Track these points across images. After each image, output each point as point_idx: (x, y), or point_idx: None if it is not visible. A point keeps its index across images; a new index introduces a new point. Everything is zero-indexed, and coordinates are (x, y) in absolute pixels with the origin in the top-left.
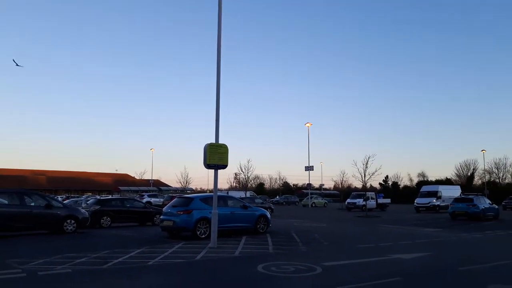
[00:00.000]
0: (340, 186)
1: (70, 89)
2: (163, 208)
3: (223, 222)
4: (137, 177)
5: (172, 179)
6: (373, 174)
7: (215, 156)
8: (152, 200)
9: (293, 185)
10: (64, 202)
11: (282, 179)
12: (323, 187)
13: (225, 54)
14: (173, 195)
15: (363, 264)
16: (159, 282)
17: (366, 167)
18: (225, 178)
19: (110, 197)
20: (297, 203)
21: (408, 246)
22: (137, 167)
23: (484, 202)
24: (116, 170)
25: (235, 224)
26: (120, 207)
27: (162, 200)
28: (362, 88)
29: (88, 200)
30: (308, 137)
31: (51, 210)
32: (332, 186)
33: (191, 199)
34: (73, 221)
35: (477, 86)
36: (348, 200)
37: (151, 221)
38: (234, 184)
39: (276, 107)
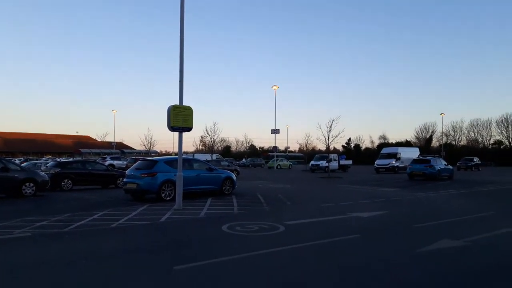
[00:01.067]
0: (304, 148)
1: (26, 47)
2: (126, 171)
3: (188, 185)
4: (98, 139)
5: (135, 142)
6: (336, 137)
7: (180, 118)
8: (115, 162)
9: (260, 148)
10: (22, 165)
11: (248, 142)
12: (289, 149)
13: (189, 13)
14: (137, 158)
15: (324, 222)
16: (124, 244)
17: (330, 130)
18: (191, 141)
19: (71, 159)
20: (263, 166)
21: (367, 205)
22: (99, 129)
23: (440, 163)
24: (77, 132)
25: (201, 186)
26: (81, 169)
27: (125, 162)
28: (327, 50)
29: (48, 163)
30: (275, 100)
31: (7, 173)
32: (297, 149)
33: (155, 161)
34: (32, 184)
35: (437, 50)
36: (312, 162)
37: (114, 184)
38: (200, 147)
39: (242, 70)
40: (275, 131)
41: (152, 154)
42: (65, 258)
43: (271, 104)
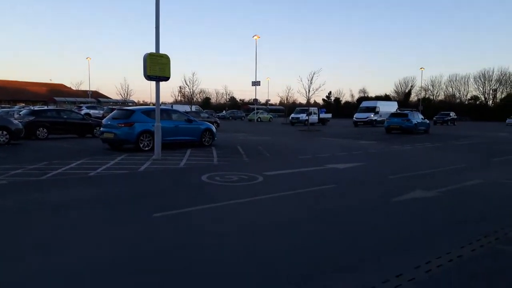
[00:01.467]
0: (285, 101)
1: None
2: (103, 120)
3: (167, 135)
4: (73, 88)
5: (111, 91)
6: (316, 90)
7: (156, 67)
8: (91, 112)
9: (240, 100)
10: None
11: (229, 94)
12: (269, 102)
13: None
14: (114, 107)
15: (302, 173)
16: (102, 192)
17: (311, 83)
18: (169, 91)
19: (45, 107)
20: (243, 118)
21: (345, 157)
22: (74, 78)
23: (417, 117)
24: (51, 80)
25: (180, 137)
26: (57, 118)
27: (101, 112)
28: (310, 2)
29: (21, 111)
30: (256, 50)
31: None
32: (278, 102)
33: (132, 111)
34: (5, 133)
35: (419, 5)
36: (292, 115)
37: (91, 133)
38: (179, 98)
39: (223, 19)
40: (255, 83)
41: (129, 104)
42: (43, 205)
43: (252, 55)
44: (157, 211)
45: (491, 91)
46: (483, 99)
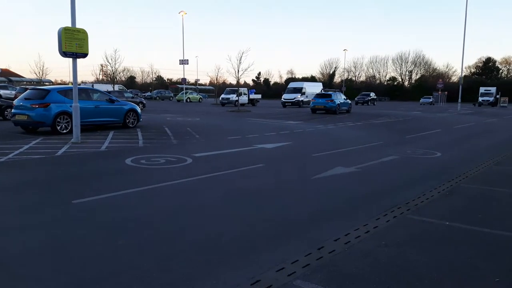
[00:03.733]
0: (215, 82)
1: None
2: (15, 101)
3: (87, 117)
4: None
5: (25, 69)
6: (246, 70)
7: (73, 43)
8: (2, 92)
9: (168, 79)
10: None
11: (155, 73)
12: (199, 82)
13: None
14: (27, 87)
15: (231, 154)
16: (15, 178)
17: (240, 62)
18: (90, 70)
19: None
20: (171, 98)
21: (273, 137)
22: None
23: (340, 98)
24: None
25: (101, 119)
26: None
27: (13, 92)
28: None
29: None
30: (183, 27)
31: None
32: (207, 82)
33: (47, 91)
34: None
35: None
36: (222, 96)
37: (1, 116)
38: (101, 77)
39: None
40: (183, 62)
41: (46, 83)
42: None
43: (179, 33)
44: (77, 197)
45: (407, 73)
46: (400, 80)
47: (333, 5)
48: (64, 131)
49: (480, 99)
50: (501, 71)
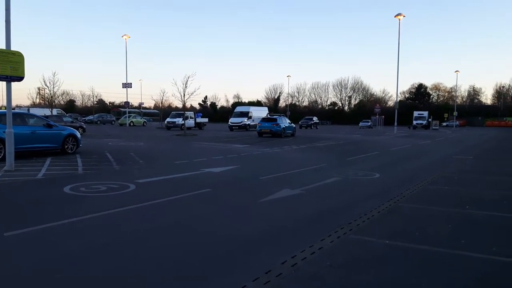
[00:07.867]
0: (160, 105)
1: None
2: None
3: (22, 143)
4: None
5: None
6: (192, 94)
7: (7, 66)
8: None
9: (110, 103)
10: None
11: (96, 96)
12: (143, 105)
13: None
14: None
15: (177, 179)
16: None
17: (186, 86)
18: (26, 93)
19: None
20: (113, 122)
21: (220, 160)
22: None
23: (285, 122)
24: None
25: (37, 145)
26: None
27: None
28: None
29: None
30: (126, 50)
31: None
32: (152, 105)
33: None
34: None
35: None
36: (168, 119)
37: None
38: (38, 101)
39: (87, 14)
40: (126, 85)
41: None
42: None
43: (122, 56)
44: (9, 230)
45: (347, 98)
46: (340, 104)
47: (275, 34)
48: None
49: (414, 122)
50: (432, 96)
